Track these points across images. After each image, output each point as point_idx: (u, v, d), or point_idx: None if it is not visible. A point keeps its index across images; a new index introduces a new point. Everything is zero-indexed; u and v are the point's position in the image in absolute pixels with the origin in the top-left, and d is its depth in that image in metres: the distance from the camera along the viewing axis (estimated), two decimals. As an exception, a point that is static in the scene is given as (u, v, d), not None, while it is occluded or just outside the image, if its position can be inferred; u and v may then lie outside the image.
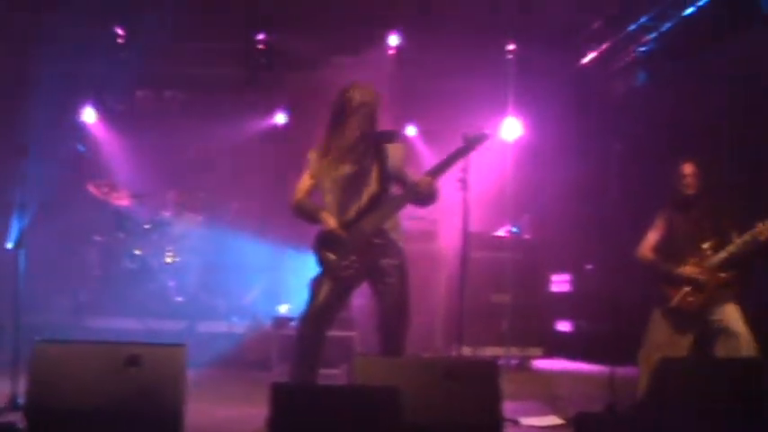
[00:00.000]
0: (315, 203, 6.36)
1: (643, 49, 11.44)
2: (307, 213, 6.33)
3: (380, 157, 6.24)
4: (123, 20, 12.04)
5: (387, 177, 6.24)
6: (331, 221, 6.15)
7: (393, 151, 6.29)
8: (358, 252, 6.10)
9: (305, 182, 6.38)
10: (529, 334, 10.75)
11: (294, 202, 6.38)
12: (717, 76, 10.46)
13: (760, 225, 6.93)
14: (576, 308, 12.54)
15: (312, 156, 6.37)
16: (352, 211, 6.19)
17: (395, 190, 6.32)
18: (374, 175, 6.21)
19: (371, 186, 6.21)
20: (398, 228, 6.30)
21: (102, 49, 12.21)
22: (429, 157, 11.31)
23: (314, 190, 6.38)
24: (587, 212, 11.84)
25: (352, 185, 6.23)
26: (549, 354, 11.18)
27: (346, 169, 6.23)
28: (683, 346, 7.07)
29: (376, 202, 6.18)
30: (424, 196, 6.15)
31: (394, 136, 6.41)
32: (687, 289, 7.01)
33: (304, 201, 6.36)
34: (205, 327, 10.25)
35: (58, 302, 10.71)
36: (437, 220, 10.87)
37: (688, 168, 7.23)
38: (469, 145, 6.30)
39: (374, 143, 6.25)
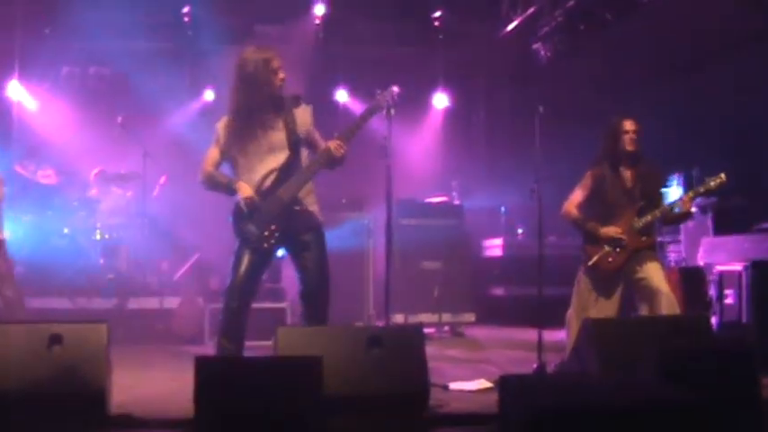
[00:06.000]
0: (226, 174, 6.26)
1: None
2: (220, 185, 6.23)
3: (288, 122, 6.17)
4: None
5: (297, 142, 6.18)
6: (247, 191, 6.07)
7: (300, 115, 6.24)
8: (276, 221, 6.05)
9: (213, 154, 6.28)
10: (461, 300, 10.85)
11: (204, 175, 6.28)
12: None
13: (685, 197, 7.02)
14: (508, 273, 12.62)
15: (220, 126, 6.29)
16: (267, 180, 6.10)
17: (305, 154, 6.27)
18: (285, 141, 6.14)
19: (283, 153, 6.13)
20: (312, 194, 6.24)
21: (27, 24, 12.05)
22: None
23: (223, 161, 6.28)
24: (513, 176, 11.92)
25: (263, 153, 6.14)
26: (481, 319, 11.27)
27: (257, 137, 6.14)
28: (609, 306, 7.11)
29: (289, 168, 6.11)
30: (338, 160, 6.06)
31: (299, 100, 6.30)
32: (608, 249, 7.04)
33: (214, 172, 6.26)
34: (136, 303, 10.18)
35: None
36: (367, 188, 10.85)
37: (630, 125, 7.17)
38: (378, 103, 6.28)
39: (281, 109, 6.18)
